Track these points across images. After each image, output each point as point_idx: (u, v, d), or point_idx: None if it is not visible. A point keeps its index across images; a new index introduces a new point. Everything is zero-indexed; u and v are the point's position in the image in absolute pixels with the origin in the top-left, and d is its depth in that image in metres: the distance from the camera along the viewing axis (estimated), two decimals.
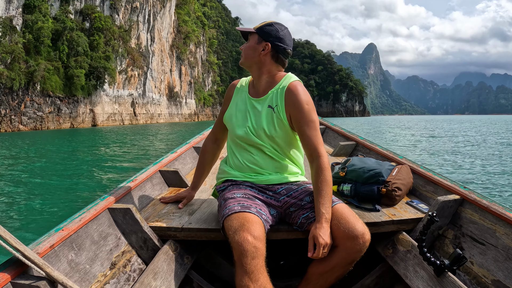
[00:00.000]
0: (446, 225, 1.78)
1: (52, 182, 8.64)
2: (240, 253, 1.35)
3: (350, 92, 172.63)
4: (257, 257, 1.34)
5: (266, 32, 1.69)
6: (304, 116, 1.64)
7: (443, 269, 1.41)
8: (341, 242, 1.48)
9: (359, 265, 1.72)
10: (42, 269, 1.16)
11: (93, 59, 54.43)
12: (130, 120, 66.18)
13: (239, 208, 1.52)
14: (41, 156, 14.83)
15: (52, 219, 5.41)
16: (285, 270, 2.05)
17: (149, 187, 2.17)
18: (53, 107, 47.15)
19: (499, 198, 6.64)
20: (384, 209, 1.88)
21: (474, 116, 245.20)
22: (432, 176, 2.07)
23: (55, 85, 47.59)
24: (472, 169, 10.28)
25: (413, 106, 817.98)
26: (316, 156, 1.62)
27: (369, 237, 1.47)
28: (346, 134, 3.66)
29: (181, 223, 1.73)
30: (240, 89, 1.83)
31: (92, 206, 1.65)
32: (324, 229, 1.47)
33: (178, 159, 2.76)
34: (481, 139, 22.45)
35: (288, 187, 1.71)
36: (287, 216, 1.68)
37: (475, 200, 1.70)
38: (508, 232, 1.51)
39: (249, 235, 1.38)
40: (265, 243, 1.42)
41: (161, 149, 17.05)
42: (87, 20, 57.16)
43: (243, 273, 1.32)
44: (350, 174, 2.06)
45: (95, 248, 1.52)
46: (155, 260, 1.59)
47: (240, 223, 1.44)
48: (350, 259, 1.49)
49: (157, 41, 78.78)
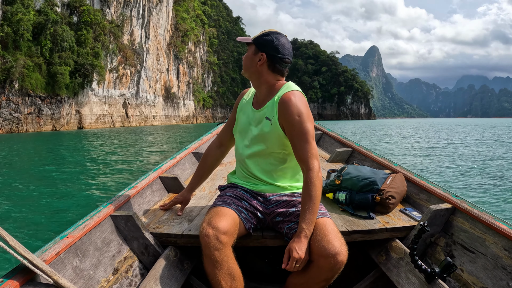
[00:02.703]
0: (438, 233, 1.83)
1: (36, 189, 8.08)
2: (203, 244, 1.48)
3: (356, 94, 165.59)
4: (220, 248, 1.45)
5: (261, 43, 1.70)
6: (295, 128, 1.63)
7: (434, 276, 1.46)
8: (315, 258, 1.49)
9: (354, 270, 1.93)
10: (49, 276, 1.21)
11: (80, 56, 50.14)
12: (121, 122, 61.95)
13: (220, 203, 1.65)
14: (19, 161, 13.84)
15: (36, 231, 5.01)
16: (281, 276, 1.98)
17: (149, 194, 2.22)
18: (33, 108, 42.89)
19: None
20: (378, 217, 1.92)
21: (484, 120, 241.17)
22: (426, 184, 2.11)
23: (36, 83, 43.53)
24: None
25: (415, 109, 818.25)
26: (306, 169, 1.61)
27: (343, 258, 1.45)
28: (342, 140, 3.68)
29: (181, 230, 1.78)
30: (246, 100, 1.86)
31: (95, 213, 1.69)
32: (301, 244, 1.49)
33: (178, 165, 2.80)
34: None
35: (279, 198, 1.74)
36: (275, 224, 1.73)
37: (466, 209, 1.75)
38: (497, 241, 1.55)
39: (211, 228, 1.48)
40: (235, 235, 1.55)
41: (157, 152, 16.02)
42: (75, 14, 52.75)
43: (209, 262, 1.47)
44: (346, 182, 2.09)
45: (98, 255, 1.57)
46: (156, 266, 1.64)
47: (209, 217, 1.55)
48: (323, 276, 1.48)
49: (152, 38, 74.28)
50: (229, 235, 1.49)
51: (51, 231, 4.97)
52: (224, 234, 1.47)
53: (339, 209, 2.00)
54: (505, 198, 7.03)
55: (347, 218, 1.90)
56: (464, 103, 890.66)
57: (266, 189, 1.75)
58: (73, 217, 5.52)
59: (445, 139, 25.91)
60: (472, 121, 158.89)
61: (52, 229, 5.07)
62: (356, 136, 29.58)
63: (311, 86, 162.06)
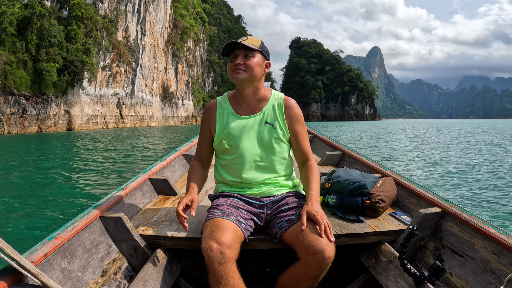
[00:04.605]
0: (427, 236, 1.83)
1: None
2: (207, 259, 1.44)
3: (360, 94, 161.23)
4: (225, 263, 1.42)
5: (265, 51, 1.80)
6: (302, 129, 1.82)
7: (423, 280, 1.46)
8: (303, 256, 1.51)
9: (343, 274, 1.95)
10: (37, 278, 1.21)
11: (70, 52, 46.70)
12: (115, 123, 58.54)
13: (219, 215, 1.62)
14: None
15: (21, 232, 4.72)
16: (272, 278, 2.02)
17: (139, 195, 2.21)
18: (16, 107, 39.48)
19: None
20: (368, 221, 1.92)
21: (489, 120, 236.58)
22: (416, 188, 2.11)
23: (20, 81, 40.14)
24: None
25: (417, 110, 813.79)
26: (308, 159, 1.81)
27: (330, 255, 1.47)
28: (333, 143, 3.68)
29: (170, 232, 1.77)
30: (223, 111, 1.84)
31: (84, 215, 1.69)
32: (316, 205, 1.61)
33: (168, 167, 2.79)
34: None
35: (275, 199, 1.77)
36: (266, 224, 1.75)
37: (455, 213, 1.75)
38: (486, 245, 1.56)
39: (214, 242, 1.45)
40: (238, 248, 1.51)
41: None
42: (65, 8, 49.39)
43: (214, 277, 1.42)
44: (336, 186, 2.10)
45: (87, 256, 1.57)
46: (145, 268, 1.64)
47: (210, 230, 1.51)
48: (311, 274, 1.50)
49: (149, 34, 70.88)
50: (233, 249, 1.47)
51: (39, 232, 4.70)
52: (228, 248, 1.45)
53: (328, 212, 2.01)
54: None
55: (336, 221, 1.90)
56: (466, 103, 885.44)
57: (263, 192, 1.76)
58: (62, 219, 5.33)
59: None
60: (481, 121, 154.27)
61: (40, 230, 4.79)
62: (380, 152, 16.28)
63: (315, 85, 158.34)
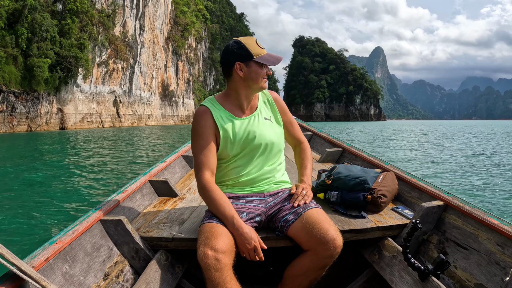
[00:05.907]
0: (430, 230, 1.82)
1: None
2: (203, 267, 1.43)
3: (365, 94, 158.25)
4: (221, 269, 1.41)
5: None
6: (291, 116, 1.97)
7: (427, 274, 1.45)
8: (313, 247, 1.53)
9: (347, 270, 1.95)
10: (39, 283, 1.19)
11: (63, 47, 44.28)
12: (112, 122, 56.20)
13: (214, 220, 1.59)
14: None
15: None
16: (275, 276, 2.02)
17: (139, 198, 2.21)
18: (5, 105, 37.16)
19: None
20: (370, 216, 1.92)
21: (491, 121, 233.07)
22: (417, 182, 2.10)
23: (10, 77, 37.91)
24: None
25: (420, 111, 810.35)
26: (301, 142, 1.95)
27: (340, 243, 1.50)
28: (332, 140, 3.65)
29: (171, 233, 1.77)
30: (220, 115, 1.79)
31: (85, 218, 1.68)
32: (306, 184, 1.77)
33: (168, 168, 2.78)
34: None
35: (275, 194, 1.79)
36: (270, 221, 1.75)
37: (458, 206, 1.75)
38: (490, 237, 1.55)
39: (209, 249, 1.43)
40: (234, 253, 1.49)
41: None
42: (60, 2, 47.04)
43: (211, 285, 1.41)
44: (336, 182, 2.09)
45: (88, 260, 1.56)
46: (147, 270, 1.63)
47: (205, 237, 1.50)
48: (322, 263, 1.54)
49: (148, 31, 68.48)
50: (228, 254, 1.45)
51: (40, 237, 4.55)
52: (223, 254, 1.43)
53: (330, 209, 2.01)
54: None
55: (338, 217, 1.89)
56: (469, 104, 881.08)
57: (265, 187, 1.78)
58: (62, 223, 5.09)
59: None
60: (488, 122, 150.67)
61: (41, 235, 4.65)
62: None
63: (318, 85, 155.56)
